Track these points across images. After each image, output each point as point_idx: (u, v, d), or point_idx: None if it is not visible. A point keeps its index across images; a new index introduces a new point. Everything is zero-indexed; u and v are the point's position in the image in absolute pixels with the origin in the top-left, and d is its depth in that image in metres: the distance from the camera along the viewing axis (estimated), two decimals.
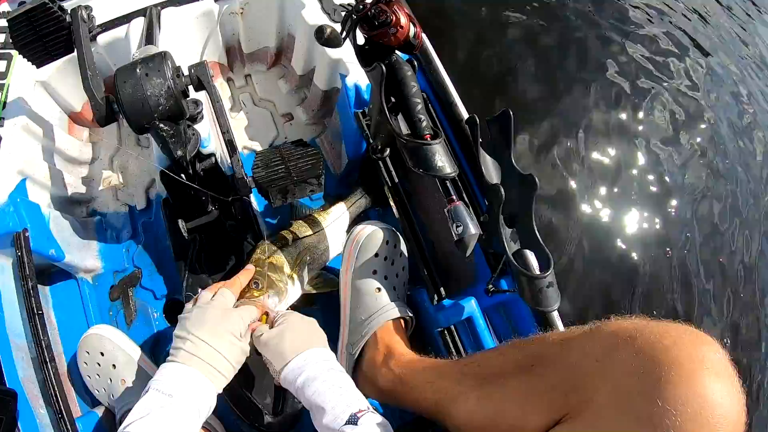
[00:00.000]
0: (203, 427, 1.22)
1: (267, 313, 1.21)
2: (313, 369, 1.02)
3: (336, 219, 1.52)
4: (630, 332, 0.66)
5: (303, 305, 1.42)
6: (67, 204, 1.66)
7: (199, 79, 1.17)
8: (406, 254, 1.38)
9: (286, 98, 1.93)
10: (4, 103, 1.51)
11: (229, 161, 1.16)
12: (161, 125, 1.11)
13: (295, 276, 1.37)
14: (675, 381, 0.58)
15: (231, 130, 1.18)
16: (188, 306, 1.13)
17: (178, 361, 1.01)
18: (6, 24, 1.62)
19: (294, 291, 1.36)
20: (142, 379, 1.28)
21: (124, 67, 1.12)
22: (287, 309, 1.32)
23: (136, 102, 1.08)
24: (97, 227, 1.66)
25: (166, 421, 0.92)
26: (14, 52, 1.59)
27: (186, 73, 1.17)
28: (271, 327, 1.14)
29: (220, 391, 1.04)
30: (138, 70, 1.09)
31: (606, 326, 0.72)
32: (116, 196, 1.73)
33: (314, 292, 1.42)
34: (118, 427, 1.23)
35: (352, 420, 0.90)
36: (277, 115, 1.90)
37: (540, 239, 1.10)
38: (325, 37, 1.16)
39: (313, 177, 1.20)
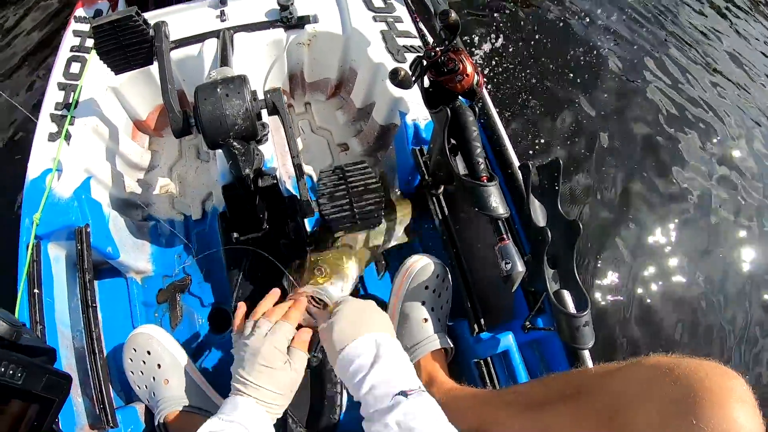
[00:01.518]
0: None
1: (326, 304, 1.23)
2: (363, 359, 1.03)
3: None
4: (668, 365, 0.73)
5: None
6: (124, 206, 1.73)
7: (275, 104, 1.24)
8: (451, 290, 1.43)
9: (343, 128, 2.01)
10: (77, 102, 1.59)
11: (296, 184, 1.23)
12: (235, 143, 1.18)
13: (358, 257, 1.43)
14: (708, 406, 0.65)
15: (300, 154, 1.24)
16: (247, 326, 1.16)
17: (237, 395, 1.06)
18: (80, 28, 1.74)
19: (356, 270, 1.40)
20: (185, 382, 1.34)
21: (204, 85, 1.19)
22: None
23: (214, 119, 1.15)
24: (151, 232, 1.73)
25: None
26: (89, 56, 1.69)
27: (261, 96, 1.24)
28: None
29: (279, 414, 1.09)
30: (219, 90, 1.16)
31: (647, 360, 0.78)
32: (172, 204, 1.81)
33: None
34: (156, 427, 1.30)
35: (402, 394, 0.95)
36: (333, 144, 1.97)
37: (579, 281, 1.16)
38: (399, 79, 1.22)
39: (374, 217, 1.28)
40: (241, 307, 1.23)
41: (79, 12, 1.84)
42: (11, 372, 0.93)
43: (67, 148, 1.52)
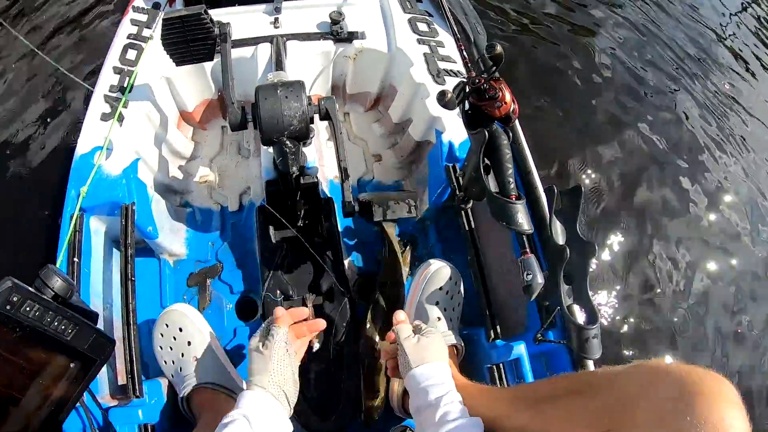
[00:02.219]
0: None
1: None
2: (449, 378, 1.19)
3: None
4: (666, 369, 0.81)
5: None
6: (165, 191, 1.81)
7: (327, 111, 1.33)
8: (463, 293, 1.54)
9: (379, 140, 2.10)
10: (131, 87, 1.67)
11: (341, 185, 1.31)
12: (288, 142, 1.27)
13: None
14: (701, 406, 0.72)
15: (347, 159, 1.33)
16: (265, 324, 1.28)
17: (253, 389, 1.15)
18: (138, 17, 1.83)
19: None
20: (212, 361, 1.40)
21: (265, 85, 1.28)
22: None
23: (272, 118, 1.24)
24: (188, 218, 1.81)
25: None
26: (145, 45, 1.77)
27: (315, 102, 1.33)
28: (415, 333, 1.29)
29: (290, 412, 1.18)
30: (279, 92, 1.26)
31: (647, 363, 0.87)
32: (210, 194, 1.89)
33: None
34: (180, 402, 1.36)
35: (462, 416, 1.07)
36: (368, 154, 2.06)
37: (591, 297, 1.27)
38: (445, 101, 1.31)
39: (411, 199, 1.40)
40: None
41: (138, 2, 1.93)
42: (63, 327, 1.00)
43: (119, 129, 1.59)
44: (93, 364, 1.07)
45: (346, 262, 1.67)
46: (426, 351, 1.23)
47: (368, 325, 1.50)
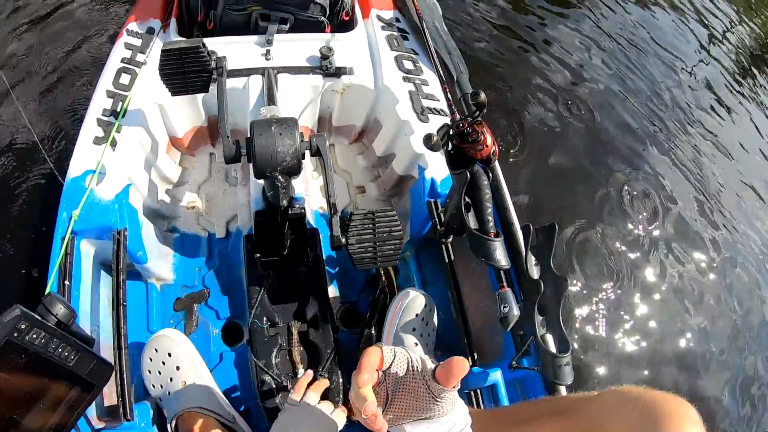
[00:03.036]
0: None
1: None
2: None
3: None
4: (637, 393, 0.92)
5: None
6: (153, 215, 1.85)
7: (318, 147, 1.40)
8: (437, 321, 1.61)
9: (362, 172, 2.16)
10: (125, 112, 1.71)
11: (329, 219, 1.37)
12: (280, 177, 1.33)
13: None
14: (666, 425, 0.83)
15: (335, 194, 1.39)
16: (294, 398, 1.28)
17: None
18: (132, 41, 1.87)
19: None
20: (201, 386, 1.44)
21: (260, 121, 1.35)
22: None
23: (266, 153, 1.31)
24: (175, 243, 1.85)
25: None
26: (138, 70, 1.81)
27: (306, 139, 1.39)
28: None
29: None
30: (273, 128, 1.32)
31: (619, 389, 0.97)
32: (197, 220, 1.93)
33: None
34: (168, 425, 1.39)
35: None
36: (351, 186, 2.12)
37: (563, 328, 1.37)
38: (431, 143, 1.39)
39: (392, 259, 1.46)
40: (307, 376, 1.33)
41: (132, 26, 1.96)
42: (66, 354, 1.03)
43: (112, 153, 1.62)
44: (92, 389, 1.10)
45: (330, 290, 1.72)
46: None
47: None
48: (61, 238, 1.46)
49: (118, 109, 1.71)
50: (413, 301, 1.56)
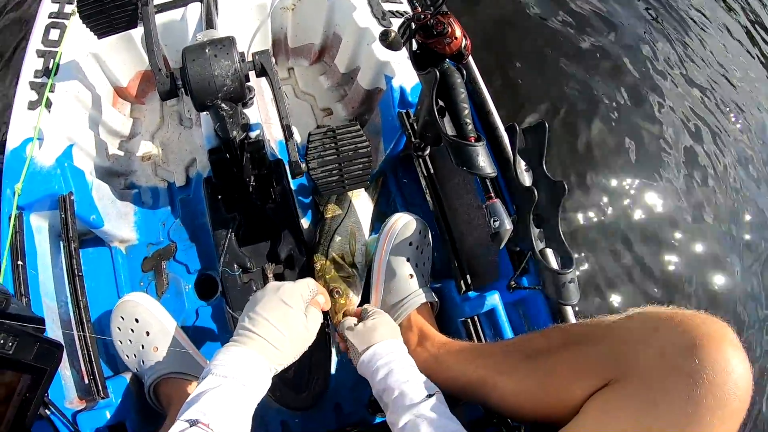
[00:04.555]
0: None
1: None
2: (399, 354, 1.15)
3: (359, 195, 1.62)
4: (668, 314, 0.80)
5: None
6: (107, 174, 1.71)
7: (263, 65, 1.23)
8: (431, 246, 1.47)
9: (327, 93, 2.00)
10: (56, 70, 1.56)
11: (285, 145, 1.22)
12: (223, 105, 1.17)
13: (355, 261, 1.47)
14: (707, 346, 0.72)
15: (288, 116, 1.23)
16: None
17: (237, 342, 1.06)
18: None
19: (360, 274, 1.46)
20: (174, 347, 1.33)
21: (192, 46, 1.17)
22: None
23: (203, 80, 1.13)
24: (134, 200, 1.71)
25: (220, 399, 0.95)
26: (68, 22, 1.64)
27: (249, 58, 1.22)
28: (361, 320, 1.25)
29: (277, 370, 1.08)
30: (207, 51, 1.15)
31: (647, 310, 0.86)
32: (155, 171, 1.78)
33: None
34: (147, 395, 1.29)
35: (429, 396, 1.02)
36: (317, 109, 1.96)
37: (564, 240, 1.21)
38: (389, 41, 1.22)
39: (361, 182, 1.33)
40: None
41: None
42: (2, 341, 0.92)
43: (48, 115, 1.49)
44: (44, 374, 1.00)
45: (303, 222, 1.59)
46: (373, 333, 1.19)
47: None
48: (8, 217, 1.34)
49: (50, 67, 1.56)
50: (405, 228, 1.41)
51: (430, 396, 1.02)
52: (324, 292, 1.24)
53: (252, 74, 1.25)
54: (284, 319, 1.08)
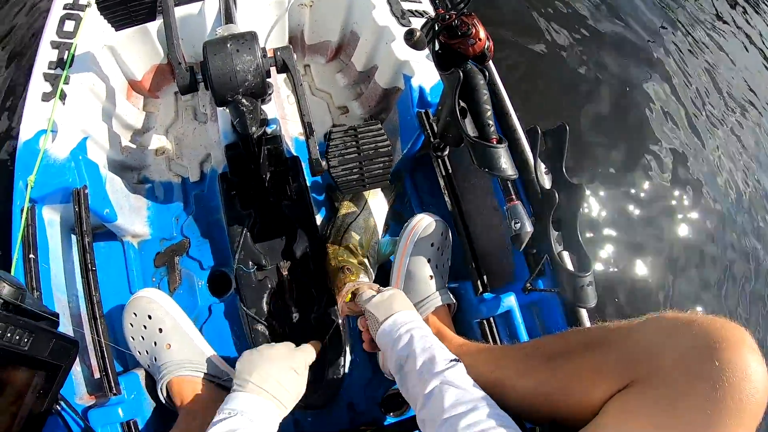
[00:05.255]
0: None
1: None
2: (419, 323, 1.16)
3: (375, 194, 1.60)
4: (687, 318, 0.80)
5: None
6: (120, 168, 1.70)
7: (284, 61, 1.22)
8: (451, 246, 1.47)
9: (343, 91, 1.99)
10: (71, 61, 1.54)
11: (306, 142, 1.20)
12: (243, 100, 1.15)
13: (366, 257, 1.47)
14: (726, 349, 0.72)
15: (310, 113, 1.21)
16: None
17: (246, 391, 1.09)
18: None
19: (371, 270, 1.46)
20: (187, 346, 1.32)
21: (213, 40, 1.15)
22: None
23: (224, 75, 1.12)
24: (148, 194, 1.70)
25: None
26: (83, 14, 1.62)
27: (270, 54, 1.21)
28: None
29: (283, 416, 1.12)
30: (229, 45, 1.13)
31: (666, 315, 0.85)
32: (169, 166, 1.77)
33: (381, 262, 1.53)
34: (159, 393, 1.29)
35: (455, 361, 1.03)
36: (333, 106, 1.95)
37: (582, 243, 1.20)
38: (414, 40, 1.22)
39: (381, 181, 1.34)
40: None
41: None
42: (17, 338, 0.91)
43: (63, 107, 1.47)
44: (58, 371, 1.00)
45: (319, 219, 1.58)
46: (392, 303, 1.19)
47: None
48: (20, 210, 1.33)
49: (65, 59, 1.54)
50: (427, 229, 1.41)
51: (455, 361, 1.03)
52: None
53: (273, 70, 1.23)
54: (294, 382, 1.16)
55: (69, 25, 1.61)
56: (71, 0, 1.66)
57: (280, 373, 1.13)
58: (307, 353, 1.24)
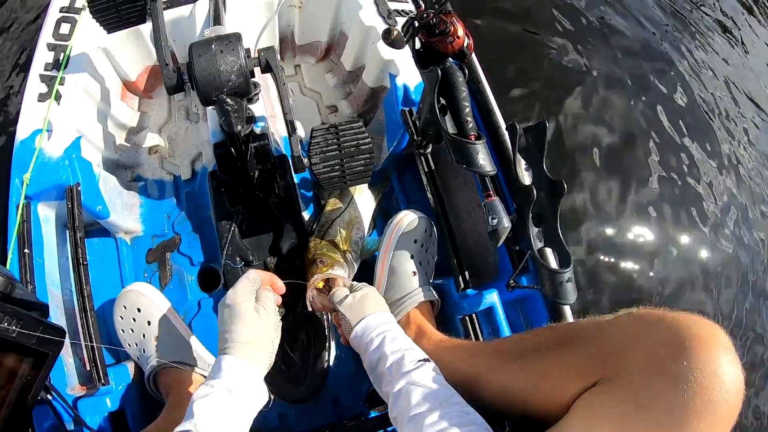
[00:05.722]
0: None
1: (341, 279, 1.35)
2: (391, 325, 1.18)
3: (361, 192, 1.62)
4: (657, 315, 0.78)
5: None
6: (114, 166, 1.73)
7: (268, 61, 1.25)
8: (436, 245, 1.47)
9: (333, 91, 2.01)
10: (66, 63, 1.58)
11: (288, 140, 1.23)
12: (228, 99, 1.18)
13: (348, 252, 1.47)
14: (696, 348, 0.70)
15: (293, 111, 1.25)
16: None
17: (229, 353, 1.07)
18: None
19: (351, 265, 1.46)
20: (175, 339, 1.35)
21: (199, 42, 1.19)
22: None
23: (208, 75, 1.16)
24: (141, 192, 1.73)
25: (210, 408, 0.97)
26: (78, 17, 1.66)
27: (254, 55, 1.24)
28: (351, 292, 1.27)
29: (264, 364, 1.10)
30: (213, 46, 1.17)
31: (637, 312, 0.83)
32: (162, 165, 1.80)
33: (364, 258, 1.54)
34: (146, 384, 1.32)
35: (423, 361, 1.04)
36: (322, 106, 1.98)
37: (563, 239, 1.22)
38: (391, 39, 1.23)
39: (363, 178, 1.35)
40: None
41: None
42: (6, 324, 0.94)
43: (57, 107, 1.51)
44: (46, 358, 1.02)
45: (305, 215, 1.60)
46: (363, 306, 1.21)
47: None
48: (15, 206, 1.38)
49: (61, 60, 1.59)
50: (410, 225, 1.40)
51: (423, 361, 1.04)
52: (270, 275, 1.26)
53: (258, 70, 1.26)
54: (233, 318, 1.09)
55: (65, 28, 1.65)
56: (67, 3, 1.70)
57: (247, 320, 1.10)
58: (242, 284, 1.17)
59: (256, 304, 1.13)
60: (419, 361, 1.04)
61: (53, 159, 1.44)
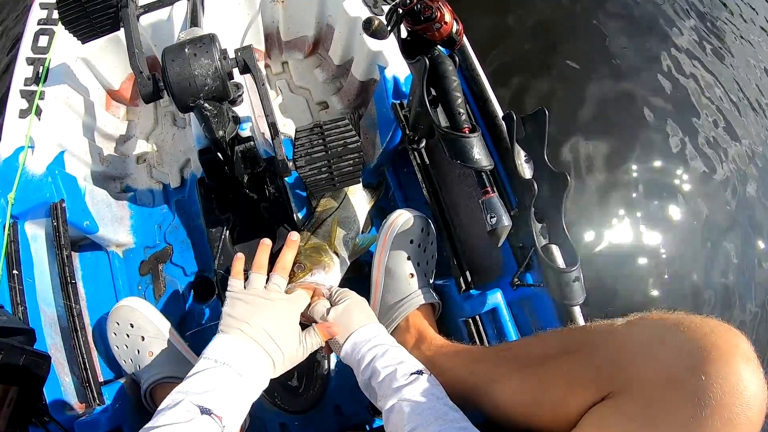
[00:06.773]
0: None
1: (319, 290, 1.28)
2: (380, 338, 1.12)
3: (354, 192, 1.57)
4: (673, 321, 0.73)
5: (351, 274, 1.45)
6: (102, 179, 1.69)
7: (245, 62, 1.20)
8: (436, 244, 1.42)
9: (322, 87, 1.96)
10: (45, 76, 1.55)
11: (271, 143, 1.19)
12: (206, 105, 1.14)
13: (338, 249, 1.41)
14: (716, 360, 0.65)
15: (274, 112, 1.20)
16: (236, 284, 1.17)
17: (232, 334, 1.05)
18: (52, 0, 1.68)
19: (341, 263, 1.40)
20: (170, 353, 1.31)
21: (172, 46, 1.14)
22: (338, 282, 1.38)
23: (183, 81, 1.11)
24: (131, 203, 1.69)
25: (229, 392, 0.96)
26: (56, 28, 1.63)
27: (232, 55, 1.19)
28: (332, 304, 1.20)
29: (276, 363, 1.07)
30: (186, 50, 1.12)
31: (650, 316, 0.78)
32: (150, 173, 1.77)
33: (357, 256, 1.47)
34: (143, 399, 1.28)
35: (416, 374, 0.99)
36: (312, 103, 1.93)
37: (568, 236, 1.13)
38: (372, 29, 1.17)
39: (353, 178, 1.30)
40: (239, 258, 1.22)
41: None
42: None
43: (38, 123, 1.49)
44: (31, 385, 1.01)
45: (299, 218, 1.55)
46: (349, 321, 1.15)
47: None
48: (2, 226, 1.35)
49: (40, 74, 1.56)
50: (405, 225, 1.34)
51: (417, 374, 0.99)
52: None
53: (236, 72, 1.22)
54: (292, 346, 1.09)
55: (43, 41, 1.62)
56: (45, 15, 1.67)
57: (279, 329, 1.09)
58: (300, 302, 1.19)
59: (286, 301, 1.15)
60: (412, 374, 0.99)
61: (36, 176, 1.41)
